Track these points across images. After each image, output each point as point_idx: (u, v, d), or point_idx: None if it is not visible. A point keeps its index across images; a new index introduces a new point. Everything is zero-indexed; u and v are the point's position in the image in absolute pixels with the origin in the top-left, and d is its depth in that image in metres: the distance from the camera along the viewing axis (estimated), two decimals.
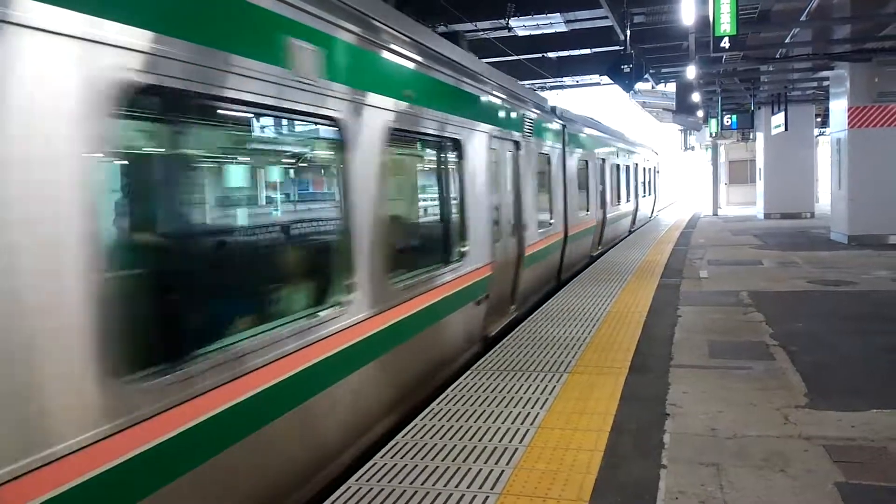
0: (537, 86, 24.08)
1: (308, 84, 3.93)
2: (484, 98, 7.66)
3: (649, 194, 26.36)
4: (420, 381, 5.74)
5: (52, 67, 2.39)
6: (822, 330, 7.32)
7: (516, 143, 8.94)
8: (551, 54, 19.11)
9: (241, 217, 4.49)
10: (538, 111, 10.44)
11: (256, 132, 4.26)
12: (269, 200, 4.87)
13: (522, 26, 14.63)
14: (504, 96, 8.50)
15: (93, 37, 2.52)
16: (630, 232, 20.78)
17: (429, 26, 13.29)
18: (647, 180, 25.60)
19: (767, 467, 3.91)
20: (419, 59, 5.75)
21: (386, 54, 5.14)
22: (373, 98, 4.81)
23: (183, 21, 3.00)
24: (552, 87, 25.13)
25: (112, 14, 2.61)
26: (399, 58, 5.36)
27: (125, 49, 2.67)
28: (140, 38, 2.74)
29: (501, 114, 8.28)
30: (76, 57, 2.48)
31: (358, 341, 4.49)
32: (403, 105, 5.35)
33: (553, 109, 12.13)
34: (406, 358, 5.38)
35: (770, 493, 3.60)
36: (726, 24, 9.17)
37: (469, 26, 14.28)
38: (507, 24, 13.98)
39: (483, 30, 14.75)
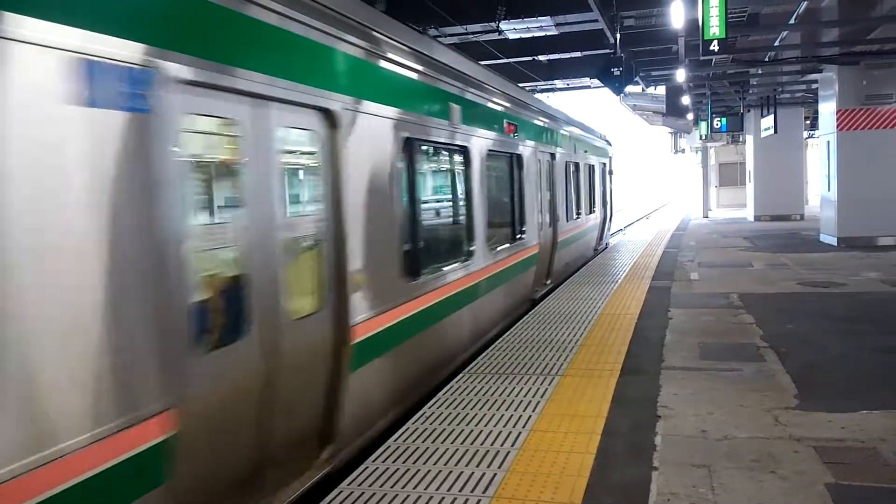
0: (528, 88, 24.15)
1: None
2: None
3: (591, 211, 15.76)
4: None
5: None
6: (812, 331, 7.36)
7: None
8: (542, 57, 19.12)
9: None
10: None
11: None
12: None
13: (513, 29, 14.62)
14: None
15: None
16: (534, 302, 10.57)
17: (419, 30, 13.33)
18: (589, 186, 15.56)
19: (758, 468, 3.92)
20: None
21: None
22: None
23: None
24: (543, 90, 25.19)
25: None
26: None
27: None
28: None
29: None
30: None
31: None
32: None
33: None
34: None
35: (761, 494, 3.62)
36: (715, 28, 9.22)
37: (459, 29, 14.29)
38: (498, 27, 13.98)
39: (473, 33, 14.76)
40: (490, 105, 8.30)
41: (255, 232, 3.74)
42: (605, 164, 17.71)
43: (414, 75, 5.98)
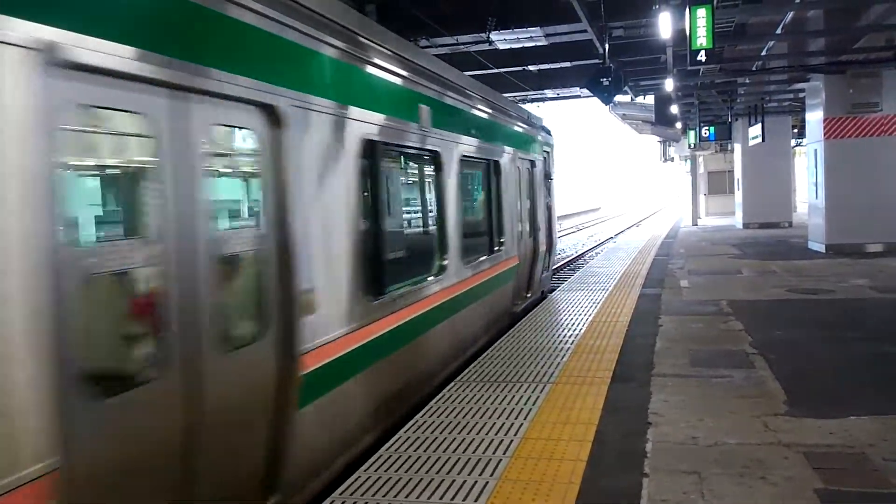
0: (518, 98, 24.27)
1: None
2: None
3: (510, 242, 9.69)
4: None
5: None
6: (801, 338, 7.41)
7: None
8: (532, 67, 19.24)
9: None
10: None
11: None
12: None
13: (503, 40, 14.72)
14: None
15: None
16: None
17: (411, 40, 13.39)
18: (512, 201, 10.01)
19: (748, 475, 3.95)
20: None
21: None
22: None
23: None
24: (533, 100, 25.32)
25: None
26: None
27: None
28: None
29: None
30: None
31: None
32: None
33: None
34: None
35: (751, 500, 3.64)
36: (702, 38, 9.31)
37: (450, 40, 14.37)
38: (488, 37, 14.08)
39: (464, 43, 14.85)
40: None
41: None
42: (534, 163, 11.37)
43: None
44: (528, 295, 10.95)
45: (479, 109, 8.50)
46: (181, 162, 3.19)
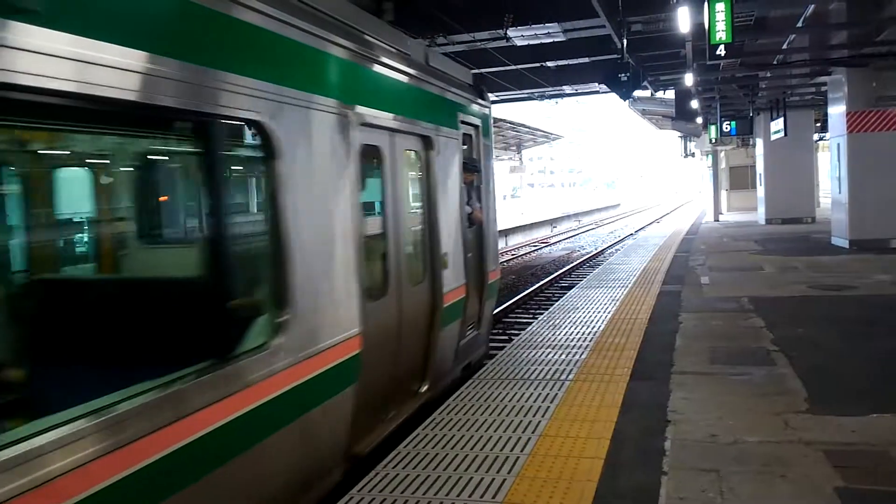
0: (536, 95, 24.22)
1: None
2: None
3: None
4: None
5: None
6: (823, 335, 7.34)
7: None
8: (550, 63, 19.18)
9: None
10: None
11: None
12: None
13: (521, 36, 14.70)
14: None
15: None
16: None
17: (428, 38, 13.41)
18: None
19: (767, 473, 3.93)
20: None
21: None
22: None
23: None
24: (552, 96, 25.25)
25: None
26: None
27: None
28: None
29: None
30: None
31: None
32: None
33: None
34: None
35: (769, 498, 3.63)
36: (722, 32, 9.23)
37: (467, 37, 14.37)
38: (506, 34, 14.06)
39: (482, 40, 14.84)
40: None
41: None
42: (457, 142, 7.17)
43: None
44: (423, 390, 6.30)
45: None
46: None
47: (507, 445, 4.46)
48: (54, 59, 2.48)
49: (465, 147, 7.51)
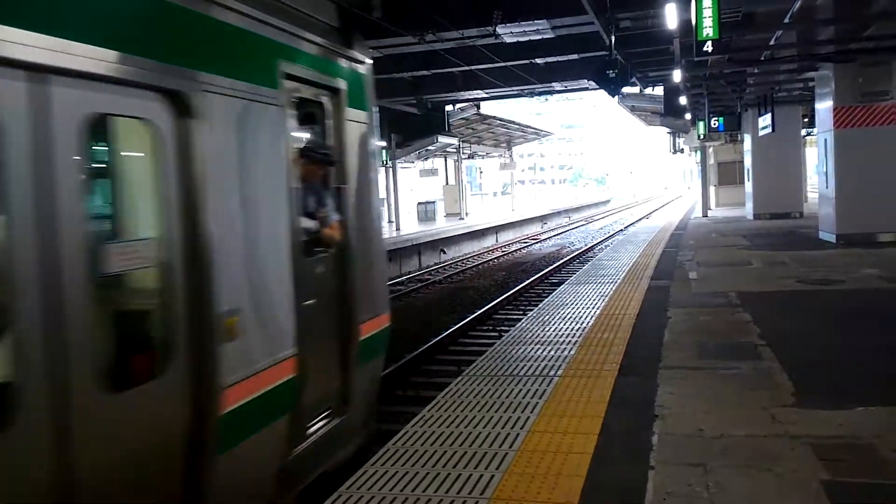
0: (526, 91, 24.20)
1: None
2: None
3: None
4: None
5: None
6: (810, 329, 7.38)
7: None
8: (539, 60, 19.16)
9: None
10: None
11: None
12: None
13: (509, 33, 14.66)
14: None
15: None
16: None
17: (417, 35, 13.38)
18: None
19: (754, 467, 3.95)
20: None
21: None
22: None
23: None
24: (541, 93, 25.25)
25: None
26: None
27: None
28: None
29: None
30: None
31: None
32: None
33: None
34: None
35: (756, 492, 3.64)
36: (709, 29, 9.26)
37: (456, 34, 14.33)
38: (494, 31, 14.02)
39: (470, 37, 14.80)
40: None
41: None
42: (276, 111, 4.39)
43: None
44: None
45: None
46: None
47: (496, 441, 4.47)
48: None
49: (312, 125, 5.27)
